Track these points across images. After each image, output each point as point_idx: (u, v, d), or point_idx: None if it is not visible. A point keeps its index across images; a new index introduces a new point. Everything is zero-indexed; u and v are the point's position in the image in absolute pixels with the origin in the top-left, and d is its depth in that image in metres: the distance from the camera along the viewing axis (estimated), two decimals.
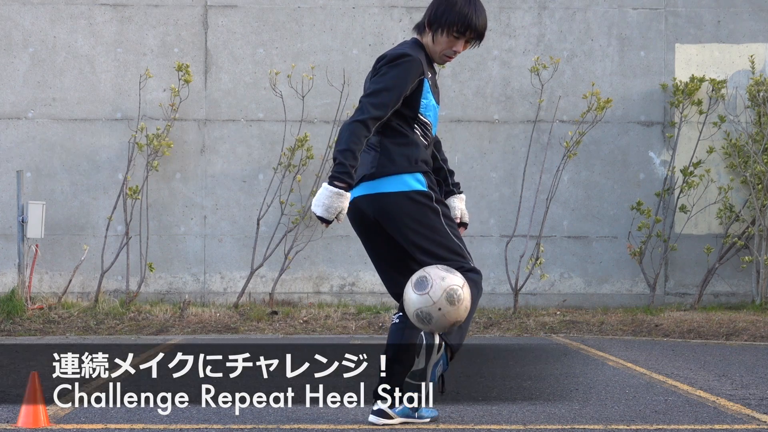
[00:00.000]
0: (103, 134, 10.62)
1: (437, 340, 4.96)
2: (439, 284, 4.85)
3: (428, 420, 5.20)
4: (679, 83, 10.71)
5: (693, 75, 10.73)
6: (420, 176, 5.00)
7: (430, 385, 4.93)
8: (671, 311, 10.28)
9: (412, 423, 5.09)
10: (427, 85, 5.03)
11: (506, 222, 10.74)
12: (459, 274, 4.91)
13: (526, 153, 10.70)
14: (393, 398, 5.14)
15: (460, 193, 5.31)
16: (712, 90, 10.70)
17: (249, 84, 10.69)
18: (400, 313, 5.12)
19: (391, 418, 5.12)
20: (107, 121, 10.63)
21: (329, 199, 4.80)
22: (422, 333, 4.96)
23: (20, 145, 10.59)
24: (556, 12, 10.83)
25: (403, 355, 5.12)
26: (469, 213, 11.12)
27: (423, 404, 4.95)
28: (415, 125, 5.04)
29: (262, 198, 10.61)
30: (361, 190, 5.02)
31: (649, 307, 10.53)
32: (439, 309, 4.85)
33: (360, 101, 4.95)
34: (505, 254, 10.54)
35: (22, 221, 10.15)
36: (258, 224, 10.56)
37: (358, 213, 5.08)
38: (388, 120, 4.99)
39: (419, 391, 4.92)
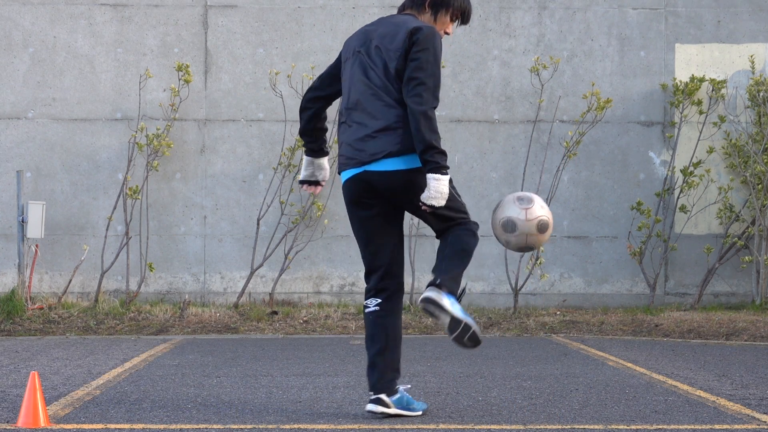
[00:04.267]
0: (103, 134, 10.63)
1: (433, 294, 5.00)
2: (540, 208, 5.13)
3: (420, 413, 5.23)
4: (679, 83, 10.71)
5: (693, 75, 10.73)
6: None
7: (465, 318, 4.99)
8: (671, 311, 10.28)
9: (410, 421, 5.09)
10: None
11: None
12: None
13: (526, 153, 10.71)
14: (389, 387, 5.16)
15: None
16: (712, 90, 10.71)
17: (249, 84, 10.70)
18: (379, 299, 5.21)
19: (388, 407, 5.14)
20: (107, 121, 10.63)
21: (445, 186, 4.97)
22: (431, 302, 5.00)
23: (20, 145, 10.60)
24: (556, 12, 10.83)
25: (392, 343, 5.18)
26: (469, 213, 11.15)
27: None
28: None
29: (262, 198, 10.62)
30: (385, 165, 5.06)
31: (649, 307, 10.53)
32: (527, 229, 5.12)
33: (420, 79, 4.97)
34: (505, 254, 10.54)
35: (22, 221, 10.15)
36: (258, 224, 10.57)
37: (363, 186, 5.14)
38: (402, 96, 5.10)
39: (464, 330, 4.98)
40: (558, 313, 10.38)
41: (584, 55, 10.84)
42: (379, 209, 5.18)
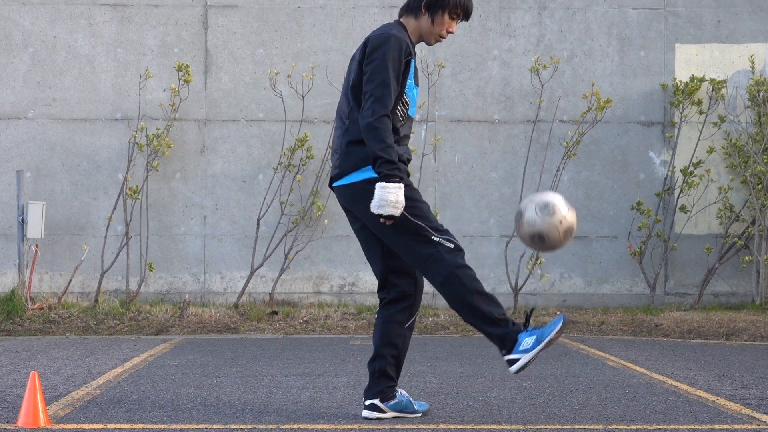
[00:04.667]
0: (103, 134, 10.63)
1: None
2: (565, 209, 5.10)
3: (420, 414, 5.22)
4: (679, 83, 10.71)
5: (693, 75, 10.73)
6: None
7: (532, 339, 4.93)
8: (671, 311, 10.28)
9: (410, 422, 5.09)
10: (413, 65, 5.07)
11: (506, 222, 10.74)
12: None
13: (526, 153, 10.71)
14: (384, 392, 5.16)
15: None
16: (712, 90, 10.71)
17: (249, 84, 10.70)
18: (379, 306, 5.22)
19: (383, 411, 5.14)
20: (107, 121, 10.63)
21: (394, 194, 4.84)
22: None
23: (20, 145, 10.59)
24: (556, 12, 10.83)
25: (384, 350, 5.16)
26: (469, 213, 11.20)
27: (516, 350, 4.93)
28: (398, 104, 5.04)
29: (262, 198, 10.61)
30: (341, 181, 5.07)
31: (649, 307, 10.53)
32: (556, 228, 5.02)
33: (368, 91, 4.91)
34: (505, 254, 10.54)
35: (22, 221, 10.15)
36: (258, 224, 10.57)
37: (340, 201, 5.19)
38: (357, 110, 5.05)
39: (517, 342, 4.94)
40: (558, 313, 10.38)
41: (584, 55, 10.84)
42: (361, 223, 5.15)
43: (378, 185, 4.87)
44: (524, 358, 4.89)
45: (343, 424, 5.05)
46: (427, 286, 10.68)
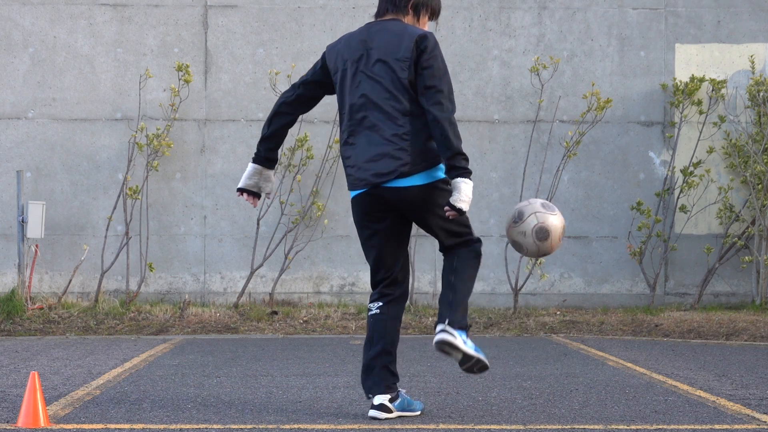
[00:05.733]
0: (103, 134, 10.63)
1: (448, 336, 5.02)
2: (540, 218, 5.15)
3: (419, 412, 5.26)
4: (679, 83, 10.71)
5: (693, 75, 10.73)
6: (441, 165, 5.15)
7: (477, 354, 5.04)
8: (671, 311, 10.28)
9: (410, 421, 5.09)
10: None
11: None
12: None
13: (526, 153, 10.71)
14: (391, 387, 5.18)
15: None
16: (712, 90, 10.71)
17: (249, 84, 10.70)
18: (381, 303, 5.22)
19: (391, 411, 5.16)
20: (107, 121, 10.63)
21: (471, 191, 4.99)
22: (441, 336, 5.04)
23: (20, 145, 10.60)
24: (556, 12, 10.83)
25: (389, 347, 5.20)
26: (469, 213, 11.15)
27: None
28: None
29: (262, 198, 10.61)
30: (398, 183, 5.06)
31: (649, 307, 10.53)
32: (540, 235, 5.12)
33: (438, 86, 4.99)
34: (505, 254, 10.54)
35: (22, 221, 10.15)
36: (258, 224, 10.57)
37: (376, 200, 5.13)
38: (415, 107, 5.08)
39: (475, 363, 5.03)
40: (558, 313, 10.38)
41: (584, 55, 10.84)
42: (391, 221, 5.18)
43: (462, 180, 4.95)
44: (459, 342, 4.99)
45: (343, 424, 5.05)
46: (427, 287, 10.71)
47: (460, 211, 4.99)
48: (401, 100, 5.05)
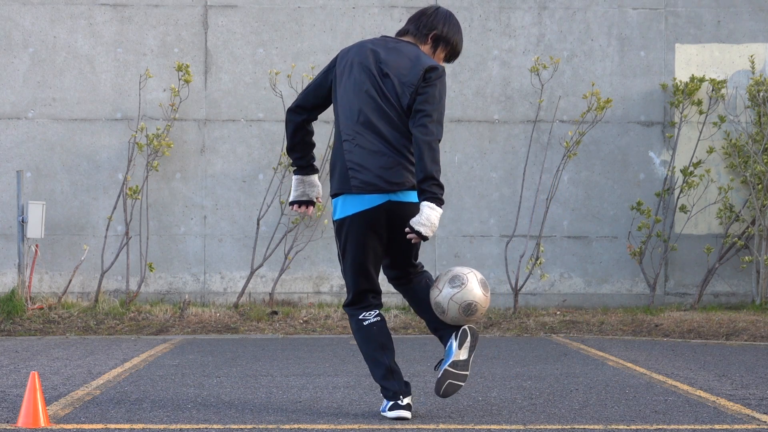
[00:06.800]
0: (103, 134, 10.63)
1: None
2: (474, 280, 5.14)
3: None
4: (679, 83, 10.71)
5: (693, 75, 10.73)
6: None
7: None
8: (671, 311, 10.28)
9: (410, 421, 5.09)
10: None
11: (506, 222, 10.75)
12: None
13: (526, 153, 10.71)
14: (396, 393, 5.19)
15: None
16: (712, 90, 10.71)
17: (249, 84, 10.70)
18: (376, 311, 5.26)
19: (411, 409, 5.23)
20: (107, 121, 10.63)
21: (437, 218, 5.02)
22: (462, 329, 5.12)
23: (20, 145, 10.60)
24: (556, 12, 10.83)
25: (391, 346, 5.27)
26: (469, 213, 11.20)
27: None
28: None
29: (262, 198, 10.61)
30: (410, 197, 5.13)
31: (649, 307, 10.53)
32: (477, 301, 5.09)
33: (428, 111, 5.03)
34: (505, 254, 10.54)
35: (22, 221, 10.15)
36: (258, 224, 10.57)
37: (384, 215, 5.14)
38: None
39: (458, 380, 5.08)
40: (558, 313, 10.38)
41: (584, 55, 10.84)
42: (387, 236, 5.20)
43: (428, 205, 4.98)
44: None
45: (343, 424, 5.05)
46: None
47: (419, 235, 4.99)
48: (401, 121, 5.11)
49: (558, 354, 8.15)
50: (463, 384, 5.07)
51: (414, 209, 5.10)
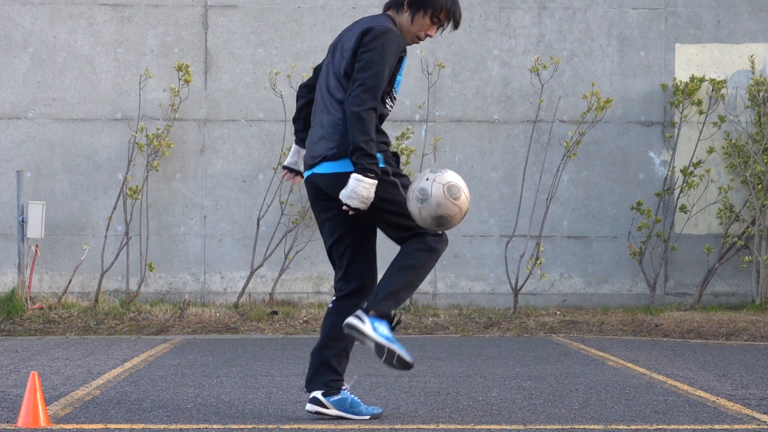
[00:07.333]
0: (103, 134, 10.63)
1: (355, 321, 4.89)
2: (452, 175, 4.91)
3: (369, 417, 5.14)
4: (679, 83, 10.71)
5: (693, 75, 10.73)
6: (379, 155, 4.98)
7: (392, 346, 4.86)
8: (671, 311, 10.28)
9: (410, 421, 5.09)
10: (404, 62, 5.06)
11: (506, 222, 10.74)
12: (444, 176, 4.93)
13: (526, 153, 10.71)
14: (329, 384, 5.13)
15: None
16: (712, 90, 10.71)
17: (249, 84, 10.70)
18: (333, 298, 5.17)
19: (326, 407, 5.10)
20: (107, 121, 10.63)
21: (366, 190, 4.84)
22: (350, 326, 4.91)
23: (20, 145, 10.60)
24: (556, 12, 10.83)
25: (331, 342, 5.14)
26: (469, 213, 11.16)
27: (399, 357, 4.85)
28: (387, 99, 5.05)
29: (262, 198, 10.61)
30: (323, 168, 5.02)
31: (649, 307, 10.53)
32: (438, 195, 4.85)
33: (360, 79, 4.90)
34: (505, 254, 10.54)
35: (22, 221, 10.15)
36: (258, 224, 10.57)
37: (314, 188, 5.12)
38: None
39: (389, 354, 4.85)
40: (558, 313, 10.38)
41: (584, 55, 10.84)
42: (336, 211, 5.07)
43: (354, 176, 4.85)
44: (367, 328, 4.85)
45: (343, 424, 5.05)
46: (426, 287, 10.71)
47: (349, 208, 4.88)
48: (341, 89, 5.02)
49: (558, 354, 8.15)
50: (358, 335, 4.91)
51: (330, 179, 4.99)
